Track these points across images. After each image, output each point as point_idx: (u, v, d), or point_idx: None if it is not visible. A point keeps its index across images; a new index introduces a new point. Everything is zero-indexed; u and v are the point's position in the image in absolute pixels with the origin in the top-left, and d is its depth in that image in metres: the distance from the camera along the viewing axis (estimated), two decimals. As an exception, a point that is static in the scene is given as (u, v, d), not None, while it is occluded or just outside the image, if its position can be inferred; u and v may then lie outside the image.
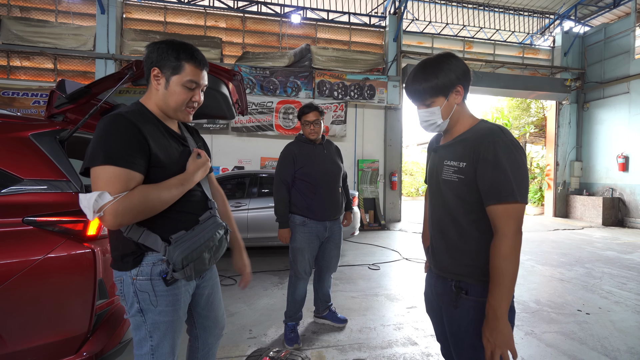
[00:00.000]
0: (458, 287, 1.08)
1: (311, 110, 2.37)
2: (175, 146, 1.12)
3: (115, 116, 1.00)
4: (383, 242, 6.23)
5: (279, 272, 4.18)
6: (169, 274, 1.04)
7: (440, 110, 1.07)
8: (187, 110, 1.12)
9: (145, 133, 1.00)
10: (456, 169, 1.06)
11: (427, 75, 1.05)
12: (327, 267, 2.57)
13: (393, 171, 8.35)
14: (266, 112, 7.73)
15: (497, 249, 0.97)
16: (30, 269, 1.29)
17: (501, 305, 0.96)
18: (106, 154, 0.93)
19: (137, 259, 1.04)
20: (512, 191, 0.95)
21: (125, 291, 1.06)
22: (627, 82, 8.43)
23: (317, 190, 2.35)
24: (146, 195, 0.96)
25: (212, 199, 1.24)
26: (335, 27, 8.52)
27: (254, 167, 7.75)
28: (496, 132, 1.02)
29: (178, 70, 1.06)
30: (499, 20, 9.22)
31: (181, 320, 1.14)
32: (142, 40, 7.38)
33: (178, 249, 1.02)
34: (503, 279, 0.96)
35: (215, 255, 1.15)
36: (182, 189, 1.07)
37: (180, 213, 1.09)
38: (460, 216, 1.07)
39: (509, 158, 0.97)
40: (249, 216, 4.71)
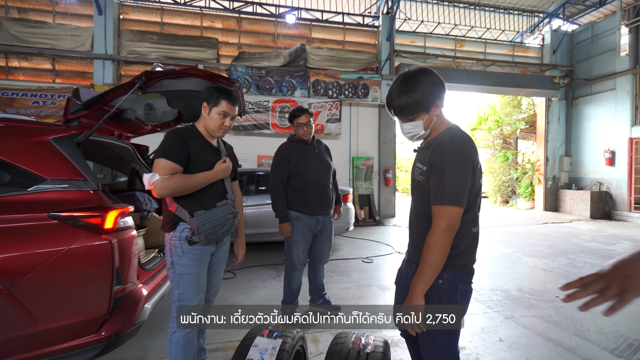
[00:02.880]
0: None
1: (303, 113, 2.55)
2: (209, 154, 1.66)
3: (173, 130, 1.62)
4: (377, 237, 6.43)
5: (276, 265, 4.37)
6: (190, 237, 1.55)
7: (422, 123, 1.20)
8: (221, 131, 1.67)
9: (188, 142, 1.57)
10: (422, 171, 1.24)
11: (408, 92, 1.15)
12: (320, 258, 2.76)
13: (387, 168, 8.55)
14: (262, 111, 7.88)
15: (427, 241, 1.13)
16: (56, 258, 1.47)
17: (418, 285, 1.12)
18: (163, 151, 1.52)
19: (173, 225, 1.58)
20: (443, 195, 1.11)
21: (166, 247, 1.60)
22: (613, 79, 8.68)
23: (309, 187, 2.53)
24: (181, 180, 1.50)
25: (230, 192, 1.72)
26: (329, 27, 8.67)
27: (251, 166, 7.91)
28: (446, 142, 1.16)
29: (217, 104, 1.62)
30: (489, 19, 9.41)
31: (202, 275, 1.62)
32: (140, 41, 7.47)
33: (197, 221, 1.54)
34: (424, 265, 1.12)
35: (223, 230, 1.63)
36: (206, 181, 1.59)
37: (204, 197, 1.60)
38: (425, 210, 1.23)
39: (450, 166, 1.12)
40: (247, 213, 4.88)
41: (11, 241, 1.44)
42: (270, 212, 4.88)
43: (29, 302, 1.43)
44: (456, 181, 1.11)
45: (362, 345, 1.17)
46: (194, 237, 1.53)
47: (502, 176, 12.05)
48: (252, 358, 1.10)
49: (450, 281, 1.21)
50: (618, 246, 5.59)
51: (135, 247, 1.78)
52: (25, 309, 1.42)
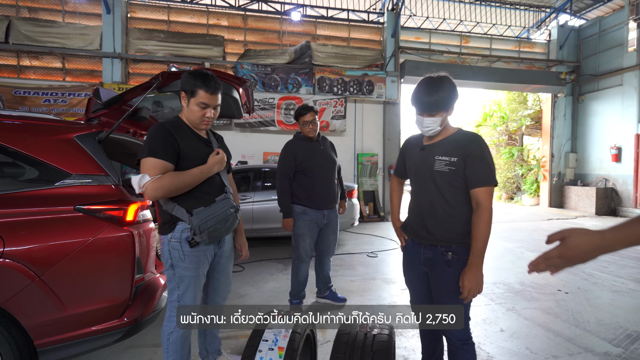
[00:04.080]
0: (449, 250, 1.43)
1: (308, 112, 2.63)
2: (200, 147, 1.55)
3: (158, 125, 1.49)
4: (382, 233, 6.52)
5: (283, 259, 4.48)
6: (191, 237, 1.46)
7: (440, 120, 1.40)
8: (204, 123, 1.52)
9: (177, 137, 1.45)
10: (448, 163, 1.41)
11: (438, 90, 1.36)
12: (326, 251, 2.85)
13: (392, 164, 8.59)
14: (268, 108, 7.96)
15: (481, 217, 1.34)
16: (83, 248, 1.57)
17: (480, 256, 1.34)
18: (149, 150, 1.40)
19: (171, 226, 1.49)
20: (493, 178, 1.37)
21: (164, 250, 1.50)
22: (620, 75, 8.60)
23: (315, 182, 2.62)
24: (174, 178, 1.40)
25: (228, 185, 1.63)
26: (334, 24, 8.70)
27: (257, 162, 8.01)
28: (479, 137, 1.43)
29: (194, 94, 1.47)
30: (495, 15, 9.35)
31: (201, 277, 1.56)
32: (147, 39, 7.58)
33: (197, 219, 1.45)
34: (483, 237, 1.33)
35: (226, 226, 1.55)
36: (202, 176, 1.48)
37: (202, 194, 1.51)
38: (450, 198, 1.43)
39: (489, 155, 1.39)
40: (254, 208, 4.98)
41: (41, 232, 1.55)
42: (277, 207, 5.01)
43: (58, 288, 1.54)
44: (493, 166, 1.38)
45: (368, 328, 1.25)
46: (195, 237, 1.44)
47: (507, 172, 12.03)
48: (267, 338, 1.19)
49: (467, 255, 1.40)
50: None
51: (153, 239, 1.88)
52: (55, 295, 1.53)
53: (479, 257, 1.33)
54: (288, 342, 1.18)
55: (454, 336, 1.44)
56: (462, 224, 1.42)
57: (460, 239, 1.42)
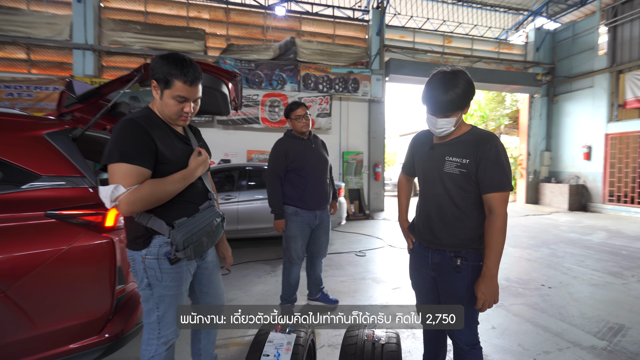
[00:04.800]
0: (458, 256, 1.36)
1: (299, 106, 2.54)
2: (179, 146, 1.29)
3: (128, 121, 1.18)
4: (368, 231, 6.51)
5: (271, 261, 4.37)
6: (173, 254, 1.22)
7: (455, 120, 1.30)
8: (181, 119, 1.27)
9: (153, 135, 1.18)
10: (459, 164, 1.32)
11: (454, 88, 1.22)
12: (318, 252, 2.77)
13: (377, 162, 8.63)
14: (252, 105, 7.76)
15: (495, 225, 1.25)
16: (56, 258, 1.42)
17: (495, 266, 1.26)
18: (121, 153, 1.12)
19: (146, 240, 1.23)
20: (509, 182, 1.27)
21: (136, 268, 1.26)
22: (591, 77, 9.02)
23: (307, 182, 2.53)
24: (154, 188, 1.16)
25: (212, 191, 1.42)
26: (319, 20, 8.59)
27: (241, 160, 7.81)
28: (495, 137, 1.31)
29: (169, 85, 1.20)
30: (476, 16, 9.56)
31: (183, 295, 1.35)
32: (122, 31, 7.18)
33: (180, 232, 1.22)
34: (498, 247, 1.26)
35: (212, 239, 1.35)
36: (185, 182, 1.25)
37: (183, 202, 1.28)
38: (460, 201, 1.35)
39: (505, 158, 1.28)
40: (239, 208, 4.83)
41: (6, 241, 1.38)
42: (262, 207, 4.94)
43: (27, 304, 1.38)
44: (509, 170, 1.28)
45: (375, 337, 1.19)
46: (178, 253, 1.22)
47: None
48: (268, 353, 1.10)
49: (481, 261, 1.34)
50: (594, 236, 5.88)
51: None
52: (23, 312, 1.37)
53: (494, 268, 1.26)
54: (291, 357, 1.09)
55: (462, 341, 1.40)
56: (472, 229, 1.35)
57: (470, 244, 1.36)
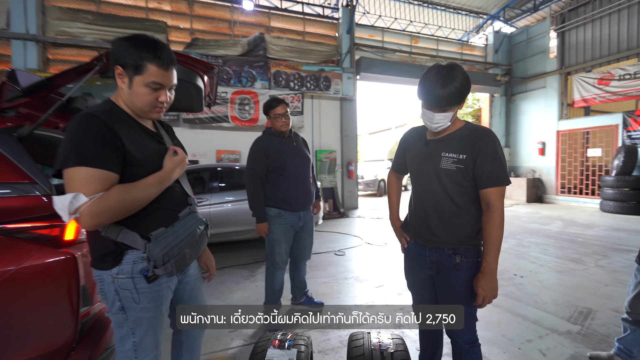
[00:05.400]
0: (456, 253, 1.34)
1: (279, 104, 2.41)
2: (151, 144, 1.11)
3: (86, 116, 0.98)
4: (344, 229, 6.50)
5: (248, 265, 4.18)
6: (150, 271, 1.05)
7: (452, 115, 1.28)
8: (155, 110, 1.09)
9: (118, 132, 0.99)
10: (456, 160, 1.30)
11: (452, 82, 1.20)
12: (302, 255, 2.67)
13: (350, 161, 8.66)
14: (220, 103, 7.43)
15: (493, 219, 1.24)
16: (4, 281, 1.18)
17: (495, 261, 1.25)
18: (79, 155, 0.92)
19: (117, 257, 1.04)
20: (506, 177, 1.27)
21: (106, 290, 1.06)
22: (544, 78, 9.75)
23: (290, 182, 2.41)
24: (123, 195, 0.97)
25: (191, 195, 1.25)
26: (289, 17, 8.42)
27: (209, 161, 7.45)
28: (491, 133, 1.30)
29: (140, 70, 1.02)
30: (441, 18, 9.92)
31: (163, 315, 1.16)
32: (71, 20, 6.52)
33: (158, 246, 1.04)
34: (497, 242, 1.25)
35: (196, 250, 1.19)
36: (160, 187, 1.07)
37: (160, 210, 1.10)
38: (457, 198, 1.32)
39: (501, 152, 1.27)
40: (211, 211, 4.58)
41: None
42: (236, 209, 4.72)
43: (-35, 338, 1.14)
44: (505, 164, 1.28)
45: (383, 345, 1.11)
46: (157, 269, 1.05)
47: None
48: (268, 376, 0.99)
49: (480, 257, 1.34)
50: (552, 226, 6.33)
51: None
52: (-40, 349, 1.13)
53: (494, 263, 1.25)
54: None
55: (462, 339, 1.38)
56: (469, 225, 1.34)
57: (468, 241, 1.35)
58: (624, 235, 5.42)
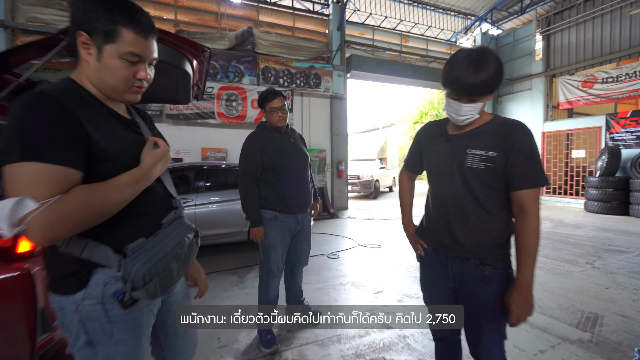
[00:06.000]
0: (485, 264, 1.17)
1: (276, 96, 2.19)
2: (124, 134, 0.89)
3: (37, 96, 0.74)
4: (335, 230, 6.33)
5: (237, 270, 3.93)
6: (127, 295, 0.82)
7: (480, 106, 1.12)
8: (133, 90, 0.87)
9: (80, 117, 0.76)
10: (485, 158, 1.14)
11: (485, 67, 1.05)
12: (299, 261, 2.47)
13: (340, 160, 8.50)
14: (206, 99, 7.10)
15: (529, 226, 1.10)
16: None
17: (532, 274, 1.10)
18: (26, 146, 0.69)
19: (82, 279, 0.81)
20: (545, 177, 1.12)
21: (67, 320, 0.82)
22: (530, 80, 9.91)
23: (288, 182, 2.20)
24: (87, 198, 0.74)
25: (177, 197, 1.03)
26: (278, 11, 8.17)
27: (194, 159, 7.11)
28: (526, 127, 1.14)
29: (113, 37, 0.80)
30: (430, 18, 9.92)
31: (143, 347, 0.93)
32: (43, 6, 6.04)
33: (137, 262, 0.82)
34: (534, 251, 1.10)
35: (184, 263, 0.97)
36: (138, 187, 0.85)
37: (138, 216, 0.88)
38: (485, 200, 1.16)
39: (536, 149, 1.13)
40: (196, 213, 4.30)
41: None
42: (223, 210, 4.45)
43: None
44: (541, 163, 1.14)
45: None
46: (135, 292, 0.83)
47: (439, 166, 13.05)
48: None
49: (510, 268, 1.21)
50: (542, 226, 6.23)
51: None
52: None
53: (530, 276, 1.10)
54: None
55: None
56: (499, 232, 1.18)
57: (497, 250, 1.18)
58: (612, 235, 5.49)
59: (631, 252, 4.45)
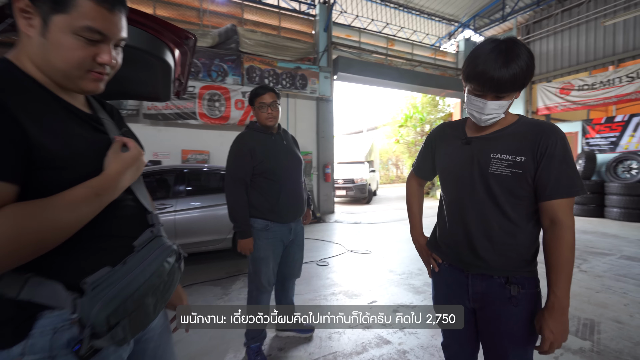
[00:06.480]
0: (511, 282, 1.05)
1: (267, 91, 2.02)
2: (81, 132, 0.69)
3: None
4: (323, 235, 6.17)
5: (220, 280, 3.68)
6: (85, 344, 0.61)
7: (507, 105, 1.02)
8: (91, 77, 0.67)
9: (15, 110, 0.57)
10: (511, 163, 1.01)
11: (517, 60, 0.94)
12: (290, 273, 2.29)
13: (326, 163, 8.36)
14: (187, 98, 6.77)
15: (563, 240, 0.98)
16: None
17: (567, 295, 0.98)
18: None
19: (21, 327, 0.61)
20: (581, 185, 0.99)
21: None
22: (510, 86, 10.16)
23: (281, 188, 2.02)
24: (24, 221, 0.55)
25: (153, 211, 0.83)
26: (263, 10, 7.96)
27: (174, 162, 6.76)
28: (558, 129, 1.02)
29: (64, 5, 0.61)
30: (416, 22, 10.01)
31: None
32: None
33: (99, 300, 0.62)
34: (569, 269, 0.99)
35: (164, 295, 0.77)
36: (99, 202, 0.65)
37: (101, 238, 0.69)
38: (510, 211, 1.04)
39: (571, 154, 1.01)
40: (176, 219, 4.01)
41: None
42: (205, 216, 4.17)
43: None
44: (577, 169, 1.02)
45: None
46: (97, 340, 0.63)
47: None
48: None
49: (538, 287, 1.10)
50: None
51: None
52: None
53: (565, 298, 0.97)
54: None
55: None
56: (526, 247, 1.06)
57: (525, 266, 1.06)
58: (593, 237, 5.63)
59: (613, 254, 4.55)
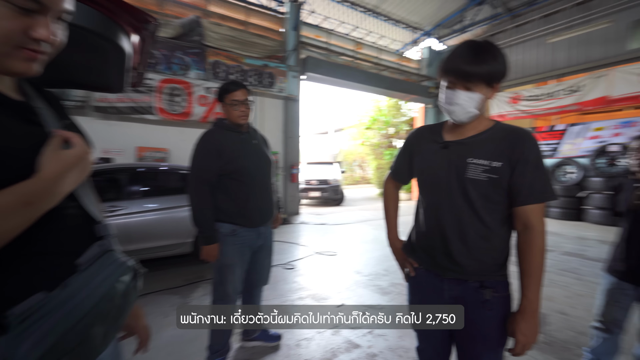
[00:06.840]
0: (485, 286, 1.06)
1: (238, 88, 1.90)
2: (7, 124, 0.56)
3: None
4: (289, 237, 6.06)
5: (178, 289, 3.43)
6: None
7: (479, 100, 1.02)
8: (23, 54, 0.54)
9: None
10: (488, 168, 1.02)
11: (487, 54, 0.98)
12: (258, 280, 2.17)
13: (293, 164, 8.25)
14: (144, 91, 6.28)
15: (534, 245, 1.01)
16: None
17: (538, 298, 1.01)
18: None
19: None
20: (552, 191, 1.02)
21: None
22: (468, 94, 10.80)
23: (250, 190, 1.90)
24: None
25: (102, 220, 0.71)
26: (230, 3, 7.64)
27: (128, 160, 6.23)
28: (532, 134, 1.04)
29: None
30: (383, 28, 10.26)
31: None
32: None
33: (30, 337, 0.50)
34: (540, 273, 1.01)
35: (116, 322, 0.66)
36: (30, 212, 0.52)
37: (35, 257, 0.56)
38: (486, 216, 1.05)
39: (542, 160, 1.03)
40: (130, 223, 3.68)
41: None
42: (161, 219, 3.88)
43: None
44: (549, 175, 1.05)
45: None
46: None
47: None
48: None
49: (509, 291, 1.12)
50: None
51: None
52: None
53: (537, 301, 1.00)
54: None
55: None
56: (500, 251, 1.08)
57: (498, 270, 1.08)
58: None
59: (555, 250, 4.98)
